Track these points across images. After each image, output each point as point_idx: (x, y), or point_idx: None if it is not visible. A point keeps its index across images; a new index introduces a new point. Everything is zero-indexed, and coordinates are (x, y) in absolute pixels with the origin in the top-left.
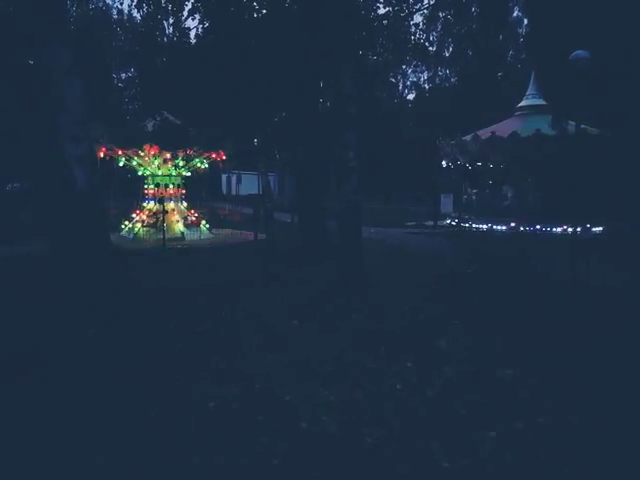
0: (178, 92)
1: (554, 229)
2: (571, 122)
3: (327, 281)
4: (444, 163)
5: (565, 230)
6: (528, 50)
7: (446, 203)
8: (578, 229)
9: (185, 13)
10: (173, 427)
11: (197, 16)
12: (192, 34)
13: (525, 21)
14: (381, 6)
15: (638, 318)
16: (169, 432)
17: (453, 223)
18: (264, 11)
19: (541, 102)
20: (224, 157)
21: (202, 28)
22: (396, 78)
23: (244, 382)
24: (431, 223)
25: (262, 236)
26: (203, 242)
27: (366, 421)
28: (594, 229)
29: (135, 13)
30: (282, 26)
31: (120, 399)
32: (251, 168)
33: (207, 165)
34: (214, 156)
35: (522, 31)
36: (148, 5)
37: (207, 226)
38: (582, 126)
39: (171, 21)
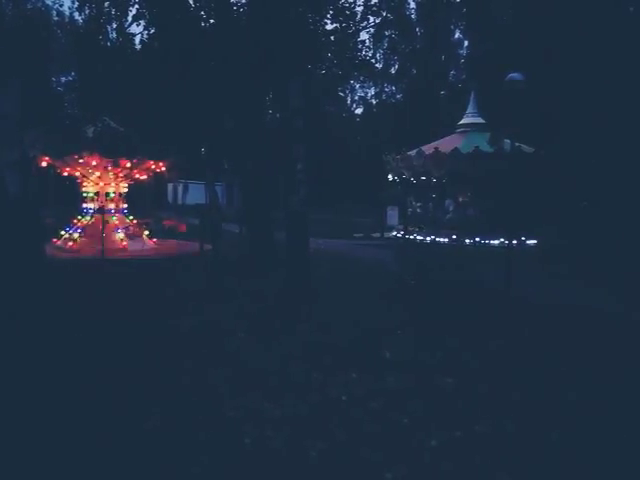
0: (121, 98)
1: (492, 241)
2: (507, 140)
3: (274, 293)
4: (390, 177)
5: (502, 242)
6: (468, 70)
7: (392, 215)
8: (514, 242)
9: (129, 19)
10: (107, 450)
11: (142, 22)
12: (137, 40)
13: (465, 43)
14: (329, 22)
15: (565, 323)
16: (101, 456)
17: (399, 235)
18: (212, 21)
19: (480, 120)
20: (163, 168)
21: (147, 34)
22: (344, 92)
23: (185, 398)
24: (378, 235)
25: (209, 247)
26: (146, 253)
27: (311, 434)
28: (528, 242)
29: (77, 16)
30: (230, 36)
31: (45, 419)
32: (198, 177)
33: (151, 174)
34: (153, 166)
35: (463, 52)
36: (90, 8)
37: (150, 236)
38: (517, 144)
39: (114, 26)
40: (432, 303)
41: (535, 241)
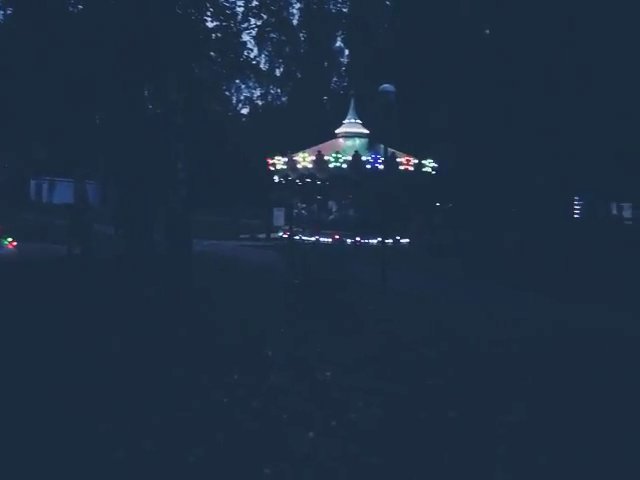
0: None
1: (370, 240)
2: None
3: (151, 296)
4: (276, 178)
5: (380, 242)
6: (349, 78)
7: (278, 216)
8: (389, 241)
9: None
10: None
11: None
12: None
13: (346, 52)
14: (209, 19)
15: (429, 311)
16: None
17: (285, 236)
18: (80, 6)
19: (359, 126)
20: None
21: (3, 15)
22: (230, 91)
23: (48, 411)
24: (264, 236)
25: (79, 250)
26: (3, 258)
27: (190, 439)
28: (402, 241)
29: None
30: (100, 23)
31: None
32: (68, 174)
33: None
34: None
35: (344, 61)
36: None
37: (9, 239)
38: (391, 150)
39: None
40: (315, 301)
41: (408, 240)
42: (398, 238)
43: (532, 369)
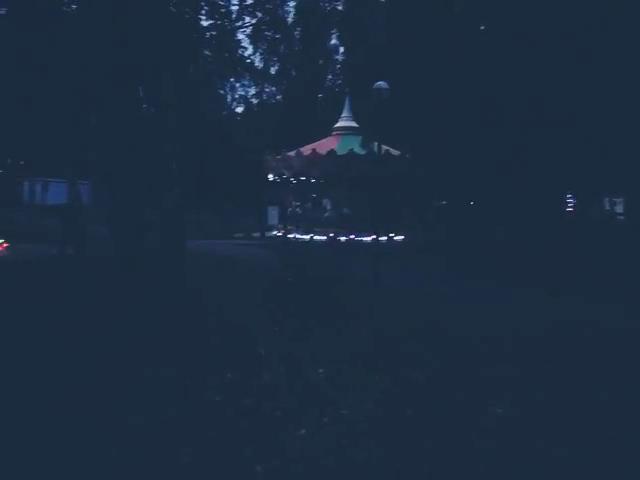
0: None
1: (365, 238)
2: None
3: (144, 296)
4: (271, 176)
5: (374, 239)
6: (344, 76)
7: (273, 215)
8: (384, 238)
9: None
10: None
11: None
12: None
13: (341, 49)
14: (204, 18)
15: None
16: None
17: (279, 234)
18: (74, 6)
19: (354, 124)
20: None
21: None
22: (224, 90)
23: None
24: (258, 234)
25: (72, 250)
26: None
27: (178, 435)
28: (396, 238)
29: None
30: (95, 22)
31: None
32: (61, 175)
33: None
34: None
35: (339, 58)
36: None
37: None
38: (385, 148)
39: None
40: (308, 298)
41: (402, 237)
42: (392, 235)
43: (524, 364)
